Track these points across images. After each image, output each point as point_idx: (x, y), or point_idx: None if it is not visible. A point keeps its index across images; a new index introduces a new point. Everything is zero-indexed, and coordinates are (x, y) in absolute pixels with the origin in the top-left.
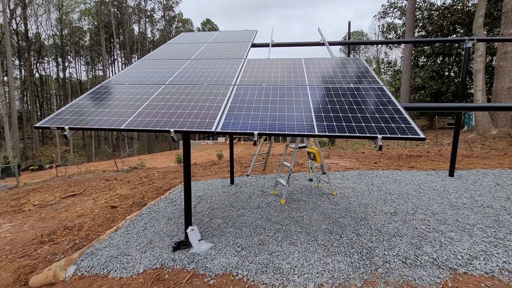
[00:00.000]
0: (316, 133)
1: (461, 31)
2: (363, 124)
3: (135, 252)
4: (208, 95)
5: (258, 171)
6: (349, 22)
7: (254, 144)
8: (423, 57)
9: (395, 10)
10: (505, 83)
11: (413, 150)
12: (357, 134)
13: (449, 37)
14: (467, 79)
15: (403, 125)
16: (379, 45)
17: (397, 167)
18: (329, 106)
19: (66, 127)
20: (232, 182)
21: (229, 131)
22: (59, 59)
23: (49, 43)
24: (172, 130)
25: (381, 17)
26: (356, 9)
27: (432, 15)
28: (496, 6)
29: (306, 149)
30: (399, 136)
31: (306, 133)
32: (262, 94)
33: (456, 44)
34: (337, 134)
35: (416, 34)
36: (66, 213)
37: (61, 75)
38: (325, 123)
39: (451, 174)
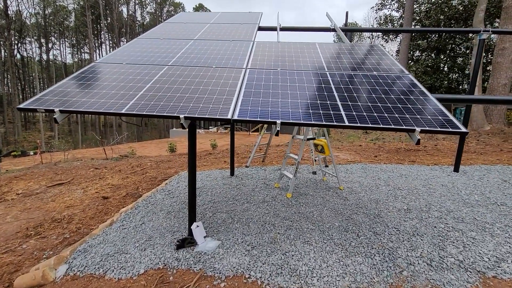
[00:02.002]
0: (346, 123)
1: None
2: (396, 115)
3: (134, 249)
4: (218, 78)
5: (257, 163)
6: (347, 12)
7: (277, 134)
8: (418, 52)
9: (393, 2)
10: (501, 79)
11: (410, 144)
12: (392, 126)
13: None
14: (460, 75)
15: (440, 117)
16: (374, 37)
17: (399, 161)
18: (354, 95)
19: (56, 110)
20: (232, 173)
21: (248, 118)
22: (42, 40)
23: (31, 22)
24: (182, 116)
25: (379, 8)
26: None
27: (430, 9)
28: (493, 2)
29: (313, 141)
30: (439, 129)
31: (335, 123)
32: (278, 79)
33: (452, 40)
34: (370, 125)
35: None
36: (53, 203)
37: (44, 57)
38: (354, 113)
39: (456, 169)
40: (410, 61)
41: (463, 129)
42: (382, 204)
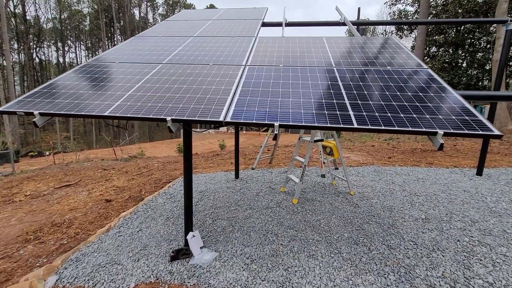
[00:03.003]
0: (355, 125)
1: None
2: (414, 115)
3: (127, 260)
4: (214, 76)
5: (264, 164)
6: (359, 8)
7: (274, 138)
8: (434, 47)
9: None
10: None
11: (426, 144)
12: (409, 129)
13: (466, 26)
14: (480, 71)
15: (467, 117)
16: (387, 34)
17: (415, 163)
18: (365, 92)
19: (35, 112)
20: (237, 176)
21: (241, 121)
22: (59, 44)
23: (48, 27)
24: (168, 118)
25: (392, 3)
26: None
27: (447, 2)
28: None
29: (321, 143)
30: (466, 132)
31: (342, 125)
32: (280, 77)
33: (471, 34)
34: (383, 128)
35: None
36: (58, 205)
37: (61, 60)
38: (364, 113)
39: (479, 173)
40: (426, 57)
41: (496, 132)
42: (397, 213)
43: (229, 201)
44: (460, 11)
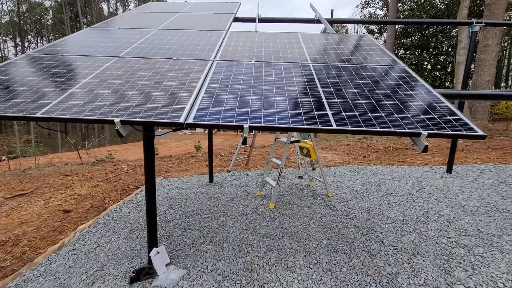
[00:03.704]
0: (334, 127)
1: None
2: (396, 115)
3: (79, 284)
4: (177, 71)
5: (240, 166)
6: (332, 10)
7: (244, 142)
8: (402, 50)
9: (377, 0)
10: (485, 76)
11: (398, 143)
12: (392, 130)
13: (429, 30)
14: (443, 72)
15: (449, 117)
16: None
17: (389, 162)
18: (343, 90)
19: None
20: (211, 180)
21: (206, 122)
22: (17, 39)
23: (5, 20)
24: (117, 120)
25: (363, 7)
26: None
27: (413, 8)
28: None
29: (298, 144)
30: (451, 133)
31: (320, 127)
32: (251, 73)
33: (434, 38)
34: (364, 129)
35: (396, 27)
36: (6, 219)
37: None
38: (343, 113)
39: (449, 170)
40: None
41: (480, 132)
42: (375, 214)
43: (201, 208)
44: (424, 16)
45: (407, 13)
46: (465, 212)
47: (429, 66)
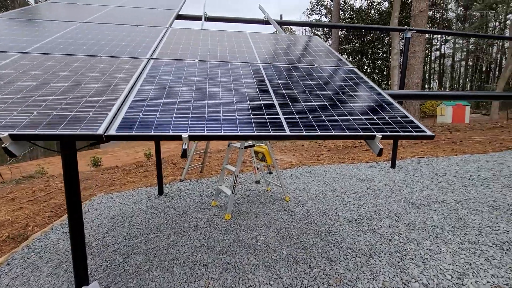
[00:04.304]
0: (288, 133)
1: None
2: (349, 117)
3: None
4: (101, 71)
5: (195, 174)
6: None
7: (183, 155)
8: (345, 54)
9: (321, 8)
10: (414, 79)
11: (347, 141)
12: (347, 133)
13: (367, 37)
14: (380, 75)
15: (399, 118)
16: None
17: (340, 160)
18: (295, 92)
19: None
20: (161, 192)
21: (133, 133)
22: None
23: None
24: (5, 134)
25: (309, 14)
26: (280, 4)
27: (353, 17)
28: (406, 10)
29: (253, 149)
30: (403, 134)
31: (272, 133)
32: (194, 73)
33: (372, 45)
34: (319, 133)
35: (339, 33)
36: None
37: None
38: (296, 117)
39: (393, 165)
40: None
41: (429, 132)
42: (332, 216)
43: (148, 227)
44: (362, 24)
45: (347, 20)
46: (411, 205)
47: (368, 70)
